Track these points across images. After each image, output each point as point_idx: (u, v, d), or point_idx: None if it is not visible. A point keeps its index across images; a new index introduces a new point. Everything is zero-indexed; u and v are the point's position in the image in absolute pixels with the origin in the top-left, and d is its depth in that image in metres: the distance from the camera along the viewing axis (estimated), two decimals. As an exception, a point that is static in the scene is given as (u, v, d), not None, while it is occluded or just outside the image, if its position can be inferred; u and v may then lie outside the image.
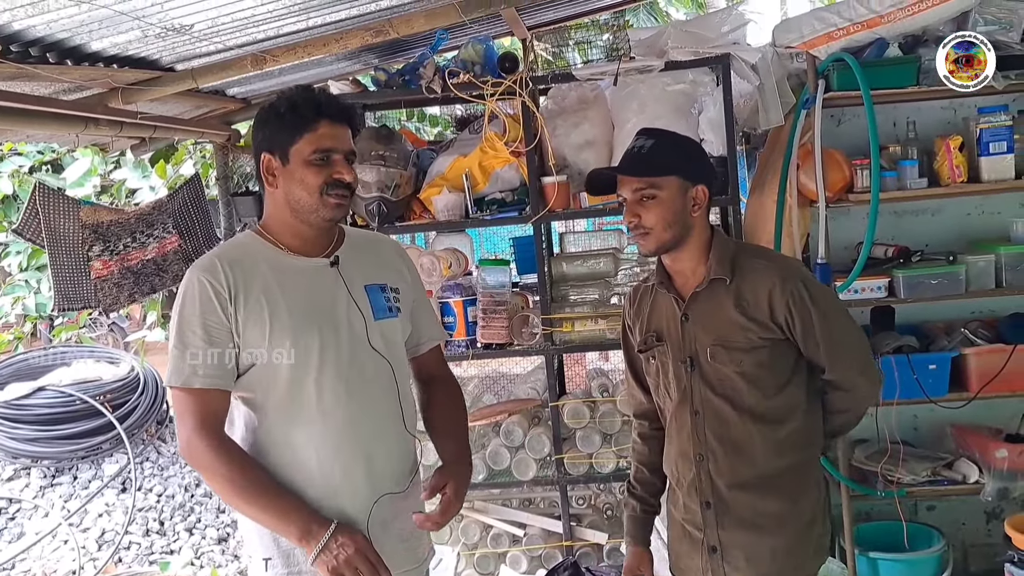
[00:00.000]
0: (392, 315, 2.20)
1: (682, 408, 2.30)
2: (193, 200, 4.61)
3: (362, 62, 4.38)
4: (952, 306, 3.87)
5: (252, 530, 2.12)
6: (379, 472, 2.13)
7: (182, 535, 5.10)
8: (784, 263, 2.33)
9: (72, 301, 4.14)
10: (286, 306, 2.05)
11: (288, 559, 2.08)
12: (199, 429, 1.99)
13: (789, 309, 2.17)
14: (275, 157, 2.06)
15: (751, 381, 2.21)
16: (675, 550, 2.43)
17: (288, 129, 2.04)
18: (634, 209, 2.21)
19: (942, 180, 3.58)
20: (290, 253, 2.11)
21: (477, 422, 3.83)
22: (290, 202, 2.08)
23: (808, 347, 2.20)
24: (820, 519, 2.32)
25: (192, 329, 2.01)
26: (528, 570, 3.83)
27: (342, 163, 2.07)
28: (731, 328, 2.21)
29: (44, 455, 5.36)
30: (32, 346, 7.17)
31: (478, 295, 3.76)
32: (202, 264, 2.08)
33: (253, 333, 2.03)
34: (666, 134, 2.30)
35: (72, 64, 2.91)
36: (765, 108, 3.70)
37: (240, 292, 2.03)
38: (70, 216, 4.06)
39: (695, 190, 2.21)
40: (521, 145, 3.62)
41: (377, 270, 2.24)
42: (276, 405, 2.06)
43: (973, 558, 4.11)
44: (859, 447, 3.82)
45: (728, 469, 2.24)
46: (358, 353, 2.11)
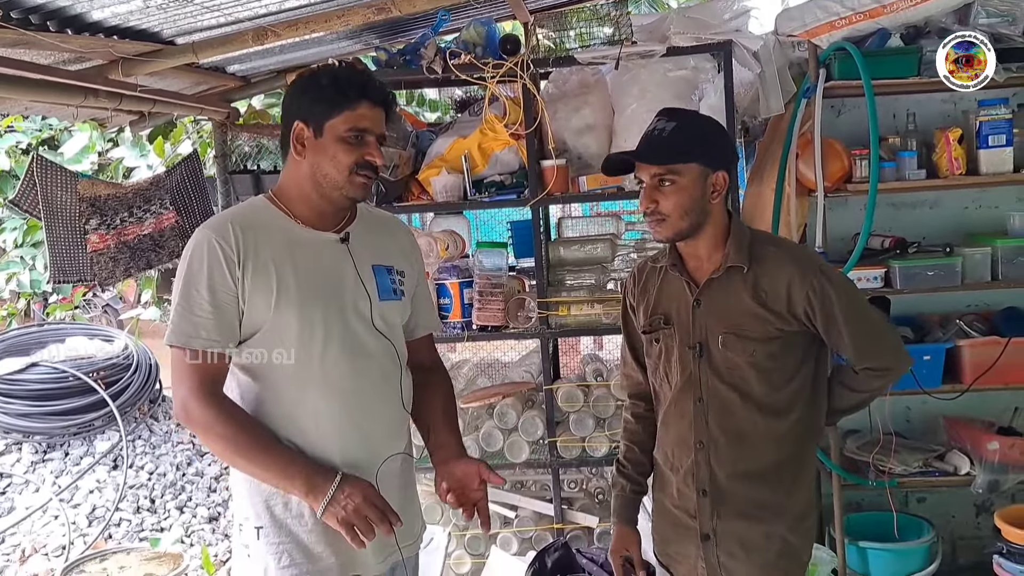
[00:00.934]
0: (396, 297, 2.21)
1: (685, 394, 2.27)
2: (191, 177, 4.60)
3: (363, 42, 4.37)
4: (947, 298, 3.89)
5: (244, 498, 2.11)
6: (376, 448, 2.13)
7: (173, 513, 5.09)
8: (801, 253, 2.30)
9: (68, 275, 4.14)
10: (294, 277, 2.05)
11: (281, 528, 2.08)
12: (196, 389, 1.99)
13: (810, 301, 2.14)
14: (308, 127, 2.05)
15: (761, 371, 2.19)
16: (663, 536, 2.42)
17: (328, 102, 2.03)
18: (652, 195, 2.16)
19: (941, 172, 3.59)
20: (302, 225, 2.11)
21: (471, 404, 3.83)
22: (316, 175, 2.07)
23: (832, 338, 2.18)
24: (812, 511, 2.32)
25: (197, 288, 2.00)
26: (518, 551, 3.84)
27: (375, 145, 2.07)
28: (746, 317, 2.18)
29: (36, 430, 5.34)
30: (25, 325, 7.14)
31: (475, 277, 3.76)
32: (213, 224, 2.07)
33: (258, 300, 2.02)
34: (688, 116, 2.26)
35: (72, 33, 2.90)
36: (766, 96, 3.71)
37: (249, 257, 2.02)
38: (68, 189, 4.05)
39: (715, 176, 2.16)
40: (521, 128, 3.62)
41: (386, 251, 2.24)
42: (277, 375, 2.06)
43: (962, 550, 4.13)
44: (851, 437, 3.84)
45: (729, 458, 2.23)
46: (361, 331, 2.11)
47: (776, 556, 2.24)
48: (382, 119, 2.09)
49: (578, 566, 3.37)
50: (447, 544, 3.80)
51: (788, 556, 2.26)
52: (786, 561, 2.26)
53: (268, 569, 2.08)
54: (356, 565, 2.11)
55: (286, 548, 2.07)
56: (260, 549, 2.08)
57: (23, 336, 6.03)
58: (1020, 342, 3.61)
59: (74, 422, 5.39)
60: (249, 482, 2.09)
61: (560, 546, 3.44)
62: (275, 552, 2.07)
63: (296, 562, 2.07)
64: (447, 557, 3.82)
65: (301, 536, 2.07)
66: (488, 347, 4.62)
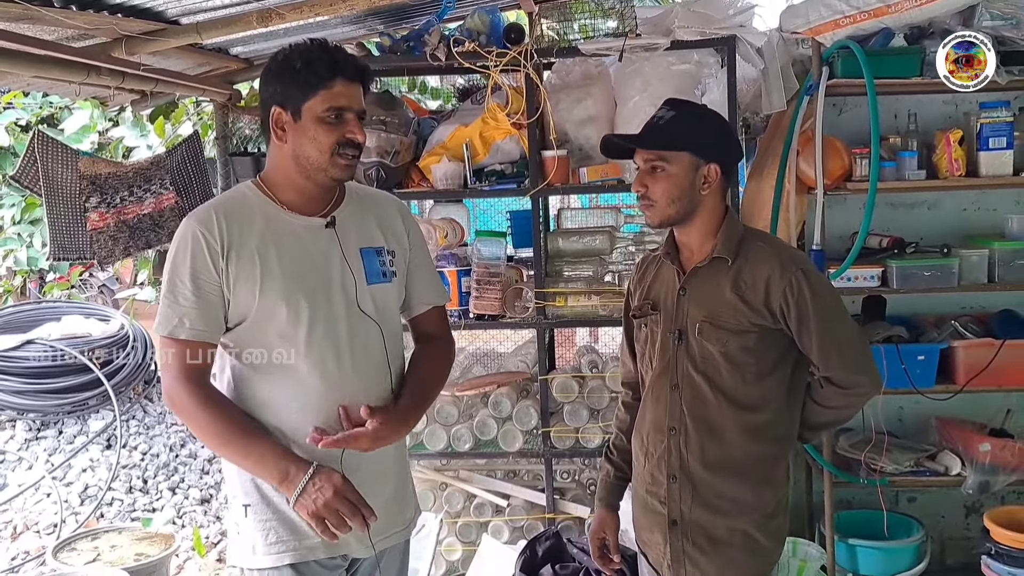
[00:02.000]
0: (385, 280, 2.20)
1: (662, 380, 2.30)
2: (191, 158, 4.59)
3: (367, 27, 4.36)
4: (943, 299, 3.90)
5: (234, 476, 2.13)
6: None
7: (165, 494, 5.10)
8: (788, 252, 2.31)
9: (67, 251, 4.14)
10: (278, 265, 2.05)
11: (269, 505, 2.09)
12: (181, 378, 2.01)
13: (786, 297, 2.16)
14: (286, 111, 2.04)
15: (733, 363, 2.21)
16: (637, 522, 2.44)
17: (302, 84, 2.01)
18: (643, 179, 2.21)
19: (940, 173, 3.60)
20: (287, 210, 2.10)
21: (466, 392, 3.84)
22: (298, 158, 2.06)
23: (802, 339, 2.19)
24: (781, 512, 2.31)
25: (182, 279, 2.02)
26: (510, 540, 3.86)
27: (355, 122, 2.05)
28: (723, 307, 2.21)
29: (30, 408, 5.34)
30: (21, 302, 7.14)
31: (473, 266, 3.76)
32: (198, 215, 2.07)
33: (243, 288, 2.03)
34: (690, 107, 2.29)
35: (77, 9, 2.90)
36: (768, 92, 3.71)
37: (234, 247, 2.03)
38: (68, 166, 4.05)
39: (707, 168, 2.19)
40: (523, 118, 3.62)
41: (374, 232, 2.22)
42: (263, 362, 2.07)
43: (950, 550, 4.15)
44: (844, 435, 3.85)
45: (698, 447, 2.25)
46: (348, 316, 2.11)
47: (739, 551, 2.25)
48: (359, 94, 2.08)
49: (568, 555, 3.39)
50: (438, 531, 3.81)
51: (752, 552, 2.26)
52: (749, 557, 2.26)
53: (256, 546, 2.09)
54: (343, 544, 2.11)
55: (273, 525, 2.08)
56: (248, 526, 2.10)
57: (19, 313, 6.03)
58: (1014, 344, 3.62)
59: (68, 400, 5.40)
60: None
61: (551, 535, 3.46)
62: (263, 529, 2.09)
63: (283, 539, 2.08)
64: (438, 544, 3.84)
65: (288, 514, 2.07)
66: (484, 336, 4.63)
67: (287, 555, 2.08)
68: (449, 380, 3.82)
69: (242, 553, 2.12)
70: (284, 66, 2.03)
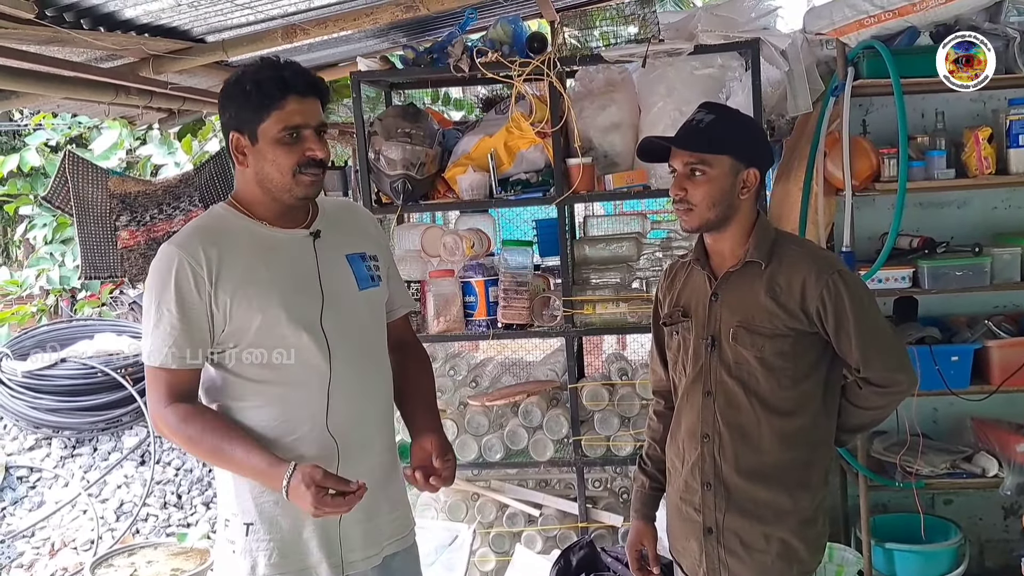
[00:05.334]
0: (375, 284, 2.21)
1: (695, 387, 2.29)
2: (219, 174, 4.64)
3: (391, 40, 4.39)
4: (975, 299, 3.86)
5: (231, 494, 2.12)
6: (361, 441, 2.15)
7: (199, 509, 5.15)
8: (823, 254, 2.30)
9: (99, 270, 4.19)
10: (272, 281, 2.05)
11: (272, 525, 2.09)
12: (164, 399, 2.02)
13: (823, 300, 2.14)
14: (243, 136, 2.01)
15: (768, 368, 2.19)
16: (671, 530, 2.43)
17: (254, 107, 1.97)
18: (682, 183, 2.19)
19: (970, 171, 3.56)
20: (268, 225, 2.09)
21: (496, 402, 3.84)
22: (262, 181, 2.04)
23: (840, 341, 2.17)
24: (820, 519, 2.29)
25: (168, 307, 1.99)
26: (543, 550, 3.84)
27: (313, 139, 2.01)
28: (758, 312, 2.19)
29: (65, 425, 5.41)
30: (55, 321, 7.23)
31: (500, 276, 3.76)
32: (179, 241, 2.04)
33: (241, 307, 2.02)
34: (728, 111, 2.28)
35: (105, 31, 2.94)
36: (793, 94, 3.69)
37: (223, 269, 2.01)
38: (98, 185, 4.11)
39: (747, 173, 2.18)
40: (547, 126, 3.62)
41: (356, 239, 2.23)
42: (257, 377, 2.07)
43: (989, 553, 4.10)
44: (878, 438, 3.81)
45: (732, 454, 2.23)
46: (341, 325, 2.11)
47: (775, 558, 2.23)
48: (316, 108, 2.03)
49: (602, 564, 3.37)
50: (472, 542, 3.81)
51: (788, 560, 2.23)
52: (785, 565, 2.24)
53: (256, 566, 2.08)
54: (346, 563, 2.13)
55: (276, 545, 2.09)
56: (249, 545, 2.09)
57: (53, 332, 6.10)
58: (1050, 343, 3.57)
59: (102, 418, 5.46)
60: (238, 478, 2.09)
61: (585, 544, 3.44)
62: (265, 549, 2.08)
63: (286, 557, 2.09)
64: (472, 555, 3.83)
65: (291, 533, 2.08)
66: (513, 346, 4.63)
67: (289, 575, 2.09)
68: (478, 390, 3.87)
69: (239, 572, 2.10)
70: (236, 89, 2.00)
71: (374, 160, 3.64)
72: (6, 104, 3.54)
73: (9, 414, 5.42)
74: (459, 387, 3.96)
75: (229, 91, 2.03)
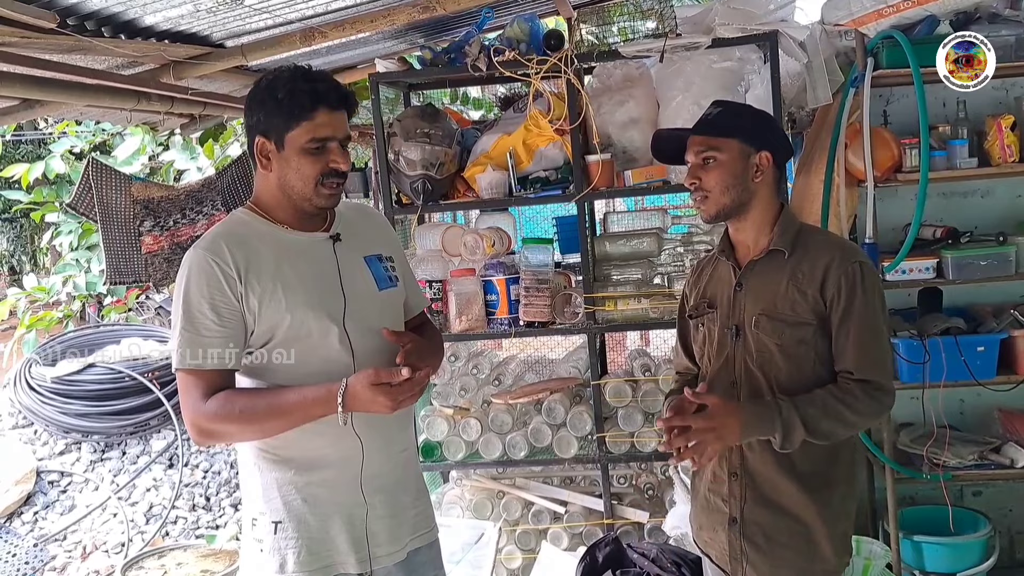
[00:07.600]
0: (393, 284, 2.26)
1: (721, 376, 2.31)
2: (242, 178, 4.67)
3: (408, 41, 4.40)
4: (1000, 289, 3.82)
5: (258, 493, 2.14)
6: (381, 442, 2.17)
7: (228, 511, 5.19)
8: (849, 244, 2.35)
9: (123, 275, 4.23)
10: (298, 280, 2.08)
11: (301, 523, 2.11)
12: (201, 400, 2.02)
13: (839, 284, 2.16)
14: (270, 141, 2.05)
15: (789, 357, 2.21)
16: (698, 521, 2.44)
17: (285, 115, 2.02)
18: (695, 172, 2.24)
19: (993, 160, 3.53)
20: (289, 229, 2.13)
21: (519, 399, 3.84)
22: (283, 187, 2.08)
23: (839, 331, 2.18)
24: (844, 516, 2.28)
25: (201, 310, 2.01)
26: (569, 547, 3.85)
27: (338, 151, 2.06)
28: (780, 299, 2.21)
29: (94, 430, 5.47)
30: (82, 327, 7.30)
31: (521, 274, 3.76)
32: (206, 244, 2.07)
33: (270, 309, 2.05)
34: (736, 104, 2.37)
35: (126, 38, 2.97)
36: (813, 86, 3.67)
37: (251, 271, 2.04)
38: (122, 191, 4.15)
39: (758, 156, 2.22)
40: (565, 123, 3.62)
41: (372, 241, 2.28)
42: (281, 376, 2.09)
43: (1020, 545, 4.07)
44: (904, 430, 3.79)
45: (758, 443, 2.23)
46: (362, 325, 2.14)
47: (795, 554, 2.23)
48: (343, 121, 2.08)
49: (628, 561, 3.37)
50: (497, 539, 3.82)
51: (811, 558, 2.23)
52: (806, 562, 2.24)
53: (286, 564, 2.11)
54: (373, 559, 2.15)
55: (304, 542, 2.11)
56: (277, 543, 2.11)
57: (80, 338, 6.17)
58: (1078, 332, 3.53)
59: (131, 422, 5.51)
60: (265, 477, 2.12)
61: (611, 541, 3.44)
62: (294, 547, 2.11)
63: (314, 554, 2.11)
64: (498, 552, 3.84)
65: (319, 531, 2.11)
66: (535, 343, 4.64)
67: (318, 572, 2.11)
68: (502, 388, 3.88)
69: (267, 570, 2.12)
70: (267, 95, 2.04)
71: (394, 161, 3.66)
72: (31, 113, 3.58)
73: (39, 419, 5.49)
74: (482, 385, 3.97)
75: (260, 95, 2.06)
